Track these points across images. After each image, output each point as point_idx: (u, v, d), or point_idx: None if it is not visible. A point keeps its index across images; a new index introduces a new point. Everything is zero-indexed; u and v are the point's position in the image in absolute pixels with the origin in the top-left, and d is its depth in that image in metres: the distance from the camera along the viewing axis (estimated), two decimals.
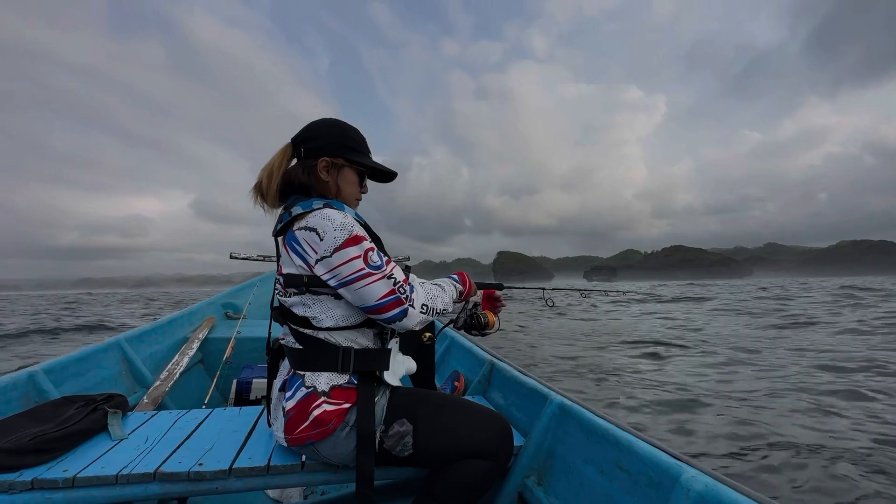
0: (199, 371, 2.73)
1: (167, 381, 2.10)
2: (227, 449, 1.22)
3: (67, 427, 1.24)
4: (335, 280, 1.08)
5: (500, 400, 1.70)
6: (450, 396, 1.25)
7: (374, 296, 1.07)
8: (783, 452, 2.64)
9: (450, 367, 2.33)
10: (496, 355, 1.96)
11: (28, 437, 1.14)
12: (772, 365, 5.09)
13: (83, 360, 1.83)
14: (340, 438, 1.08)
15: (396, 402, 1.15)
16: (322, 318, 1.11)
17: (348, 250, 1.06)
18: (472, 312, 1.54)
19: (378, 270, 1.07)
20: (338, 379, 1.10)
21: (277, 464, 1.15)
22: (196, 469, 1.10)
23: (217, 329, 3.01)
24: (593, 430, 1.17)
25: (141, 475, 1.08)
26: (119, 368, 2.05)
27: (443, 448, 1.11)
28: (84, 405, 1.40)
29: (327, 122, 1.24)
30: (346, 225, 1.07)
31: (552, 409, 1.34)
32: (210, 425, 1.41)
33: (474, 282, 1.48)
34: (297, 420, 1.07)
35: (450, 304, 1.26)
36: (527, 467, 1.32)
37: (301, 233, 1.09)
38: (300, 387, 1.09)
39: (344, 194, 1.24)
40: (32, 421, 1.27)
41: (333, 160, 1.20)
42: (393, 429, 1.10)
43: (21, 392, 1.47)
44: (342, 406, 1.08)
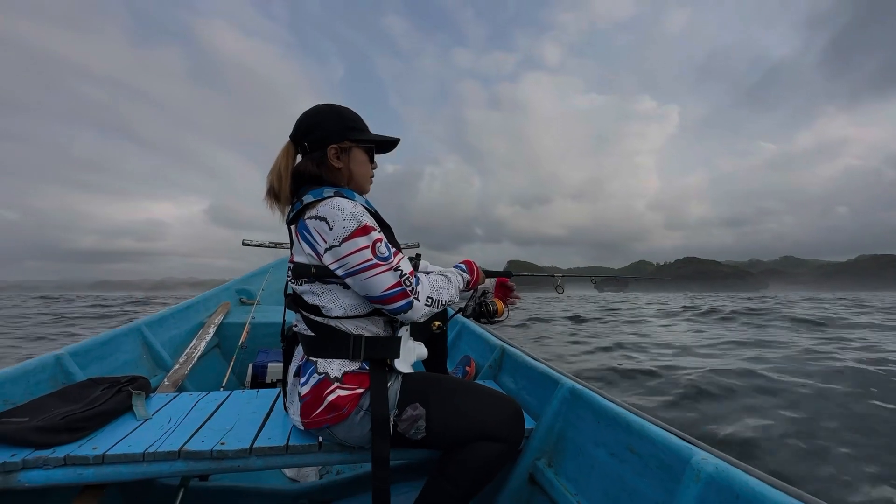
0: (216, 355, 2.80)
1: (186, 365, 2.16)
2: (246, 429, 1.27)
3: (95, 407, 1.29)
4: (343, 269, 1.09)
5: (511, 384, 1.73)
6: (461, 380, 1.27)
7: (380, 287, 1.08)
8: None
9: (461, 352, 2.36)
10: (507, 341, 1.98)
11: (59, 417, 1.19)
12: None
13: (106, 344, 1.89)
14: (355, 422, 1.11)
15: (409, 386, 1.17)
16: (331, 307, 1.13)
17: (357, 240, 1.07)
18: (480, 300, 1.54)
19: (385, 262, 1.08)
20: (350, 365, 1.13)
21: (296, 444, 1.18)
22: (218, 448, 1.15)
23: (232, 314, 3.08)
24: (604, 413, 1.19)
25: (166, 453, 1.13)
26: (140, 352, 2.12)
27: (455, 431, 1.14)
28: (109, 387, 1.46)
29: (320, 109, 1.22)
30: (355, 214, 1.08)
31: (563, 393, 1.36)
32: (229, 407, 1.46)
33: (484, 270, 1.49)
34: (313, 405, 1.10)
35: (456, 294, 1.26)
36: (537, 449, 1.34)
37: (311, 222, 1.10)
38: (313, 373, 1.12)
39: (357, 176, 1.25)
40: (61, 401, 1.33)
41: (341, 145, 1.20)
42: (406, 412, 1.13)
43: (49, 374, 1.53)
44: (356, 391, 1.10)
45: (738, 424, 3.11)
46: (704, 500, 0.84)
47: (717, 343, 7.14)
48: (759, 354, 5.86)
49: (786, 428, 3.01)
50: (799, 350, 6.06)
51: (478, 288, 1.52)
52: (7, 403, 1.33)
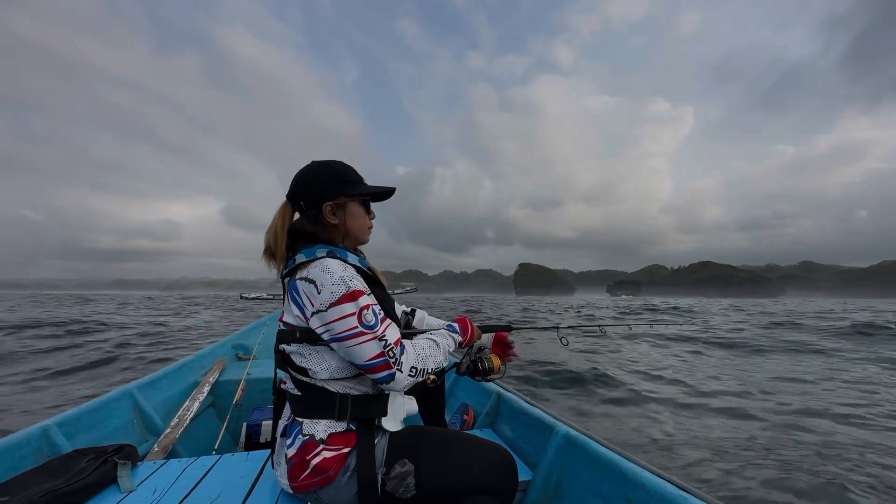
0: (211, 415, 2.73)
1: (177, 428, 2.11)
2: (233, 496, 1.23)
3: (78, 481, 1.26)
4: (328, 335, 1.09)
5: (508, 432, 1.68)
6: (450, 431, 1.24)
7: (364, 356, 1.07)
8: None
9: (458, 399, 2.31)
10: (503, 386, 1.94)
11: (40, 494, 1.16)
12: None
13: (95, 412, 1.86)
14: (342, 484, 1.08)
15: (397, 441, 1.15)
16: (318, 369, 1.13)
17: (343, 306, 1.06)
18: (476, 357, 1.50)
19: (370, 330, 1.07)
20: (336, 426, 1.11)
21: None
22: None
23: (228, 371, 3.03)
24: (598, 461, 1.15)
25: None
26: (131, 417, 2.07)
27: (446, 485, 1.10)
28: (94, 458, 1.42)
29: (314, 167, 1.24)
30: (344, 279, 1.08)
31: (558, 441, 1.33)
32: (217, 473, 1.42)
33: (479, 326, 1.46)
34: (299, 468, 1.08)
35: (444, 361, 1.23)
36: (536, 502, 1.29)
37: (301, 283, 1.11)
38: (298, 434, 1.11)
39: (354, 230, 1.26)
40: (45, 476, 1.30)
41: (336, 202, 1.22)
42: (395, 470, 1.10)
43: (34, 447, 1.50)
44: (341, 451, 1.08)
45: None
46: None
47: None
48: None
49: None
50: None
51: (473, 345, 1.49)
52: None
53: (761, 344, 9.03)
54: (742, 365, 6.73)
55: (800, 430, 3.57)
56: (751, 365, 6.75)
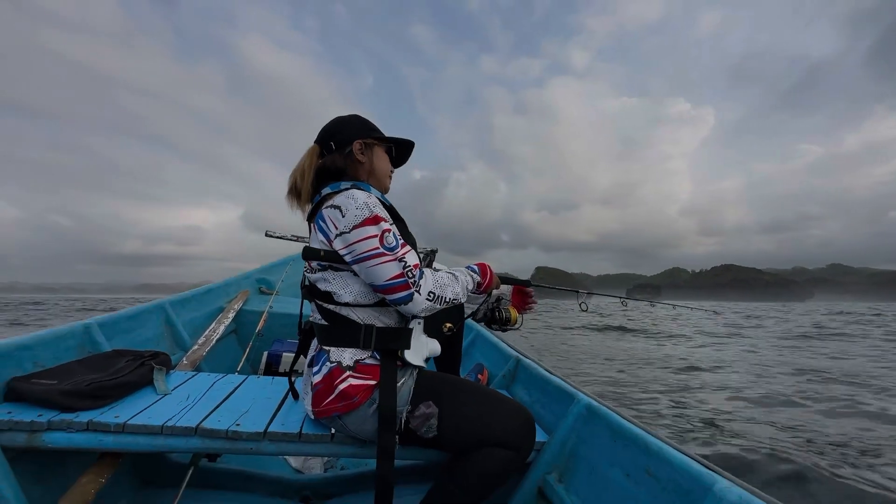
0: (233, 340, 2.84)
1: (204, 346, 2.21)
2: (261, 414, 1.28)
3: (119, 378, 1.32)
4: (350, 256, 1.11)
5: (524, 396, 1.70)
6: (477, 384, 1.26)
7: (384, 276, 1.09)
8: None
9: (474, 359, 2.34)
10: (522, 352, 1.95)
11: (85, 383, 1.23)
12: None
13: (132, 318, 1.95)
14: (368, 414, 1.11)
15: (423, 383, 1.17)
16: (341, 293, 1.15)
17: (366, 228, 1.09)
18: (493, 306, 1.51)
19: (391, 252, 1.10)
20: (362, 354, 1.14)
21: (308, 432, 1.19)
22: (234, 429, 1.16)
23: (250, 302, 3.13)
24: (621, 433, 1.16)
25: (183, 428, 1.15)
26: (162, 329, 2.17)
27: (467, 433, 1.13)
28: (133, 359, 1.49)
29: (344, 115, 1.35)
30: (368, 204, 1.12)
31: (579, 409, 1.34)
32: (245, 390, 1.48)
33: (500, 276, 1.46)
34: (324, 393, 1.11)
35: (462, 294, 1.25)
36: (549, 464, 1.32)
37: (327, 210, 1.15)
38: (326, 361, 1.14)
39: (378, 171, 1.33)
40: (87, 368, 1.37)
41: (366, 140, 1.30)
42: (419, 409, 1.13)
43: (78, 341, 1.58)
44: (368, 382, 1.11)
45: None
46: None
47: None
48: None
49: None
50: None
51: (492, 293, 1.49)
52: (37, 366, 1.38)
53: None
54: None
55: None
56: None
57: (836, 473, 2.69)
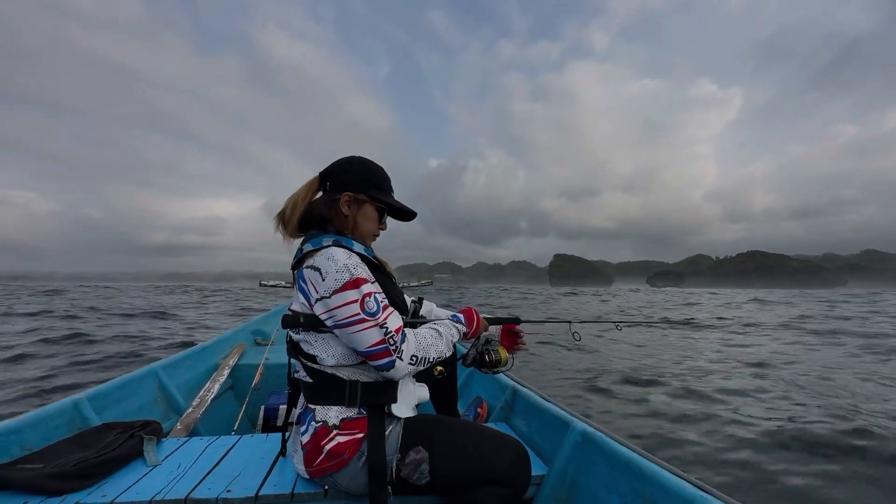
0: (230, 397, 2.80)
1: (199, 408, 2.17)
2: (253, 476, 1.26)
3: (107, 453, 1.31)
4: (331, 321, 1.10)
5: (523, 427, 1.68)
6: (465, 422, 1.25)
7: (365, 343, 1.08)
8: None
9: (473, 392, 2.32)
10: (519, 381, 1.94)
11: (72, 463, 1.21)
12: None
13: (122, 388, 1.93)
14: (357, 468, 1.10)
15: (412, 428, 1.16)
16: (324, 356, 1.14)
17: (347, 293, 1.07)
18: (482, 349, 1.49)
19: (372, 318, 1.08)
20: (347, 412, 1.13)
21: (301, 492, 1.17)
22: (224, 496, 1.14)
23: (246, 355, 3.10)
24: (616, 458, 1.15)
25: (173, 501, 1.13)
26: (155, 395, 2.14)
27: (460, 475, 1.11)
28: (122, 431, 1.47)
29: (355, 159, 1.28)
30: (348, 266, 1.09)
31: (575, 437, 1.32)
32: (238, 452, 1.46)
33: (486, 318, 1.46)
34: (314, 454, 1.10)
35: (446, 350, 1.23)
36: (550, 497, 1.29)
37: (307, 272, 1.13)
38: (311, 420, 1.13)
39: (361, 230, 1.27)
40: (76, 446, 1.35)
41: (356, 195, 1.24)
42: (409, 457, 1.11)
43: (67, 419, 1.56)
44: (355, 436, 1.10)
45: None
46: None
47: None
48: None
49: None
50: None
51: (480, 336, 1.48)
52: (24, 449, 1.36)
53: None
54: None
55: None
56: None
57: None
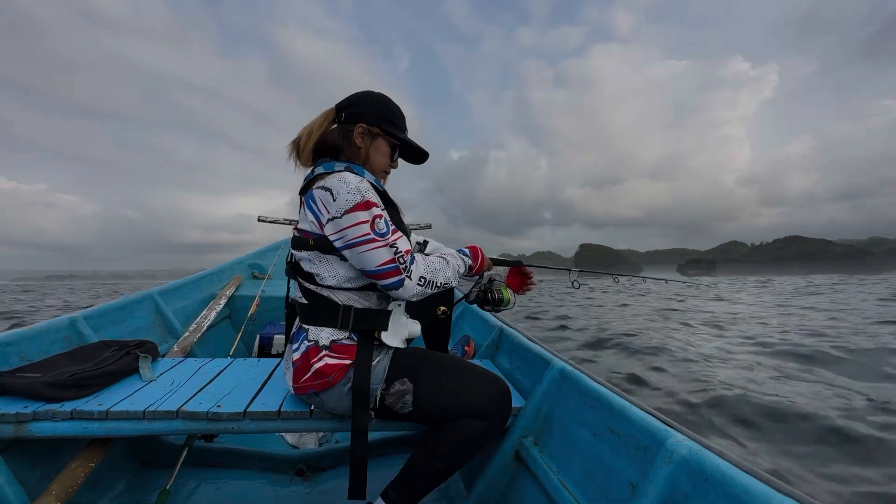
0: (227, 325, 2.89)
1: (195, 333, 2.25)
2: (243, 394, 1.32)
3: (103, 367, 1.36)
4: (341, 241, 1.11)
5: (506, 364, 1.74)
6: (451, 357, 1.29)
7: (374, 262, 1.09)
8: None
9: (461, 331, 2.38)
10: (506, 322, 1.99)
11: (69, 374, 1.27)
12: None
13: (120, 310, 1.98)
14: (343, 392, 1.15)
15: (399, 361, 1.20)
16: (326, 276, 1.16)
17: (357, 214, 1.08)
18: (485, 287, 1.51)
19: (382, 238, 1.09)
20: (339, 334, 1.15)
21: (287, 410, 1.23)
22: (214, 410, 1.20)
23: (243, 287, 3.16)
24: (589, 394, 1.19)
25: (165, 412, 1.19)
26: (152, 318, 2.21)
27: (441, 407, 1.16)
28: (118, 349, 1.53)
29: (373, 93, 1.28)
30: (360, 189, 1.09)
31: (553, 374, 1.37)
32: (231, 373, 1.52)
33: (491, 258, 1.47)
34: (302, 370, 1.14)
35: (453, 278, 1.25)
36: (525, 428, 1.36)
37: (318, 191, 1.13)
38: (304, 340, 1.16)
39: (373, 163, 1.26)
40: (73, 360, 1.41)
41: (370, 128, 1.23)
42: (394, 387, 1.16)
43: (63, 335, 1.62)
44: (344, 361, 1.13)
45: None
46: (675, 480, 0.84)
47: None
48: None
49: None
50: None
51: (483, 274, 1.49)
52: (23, 360, 1.42)
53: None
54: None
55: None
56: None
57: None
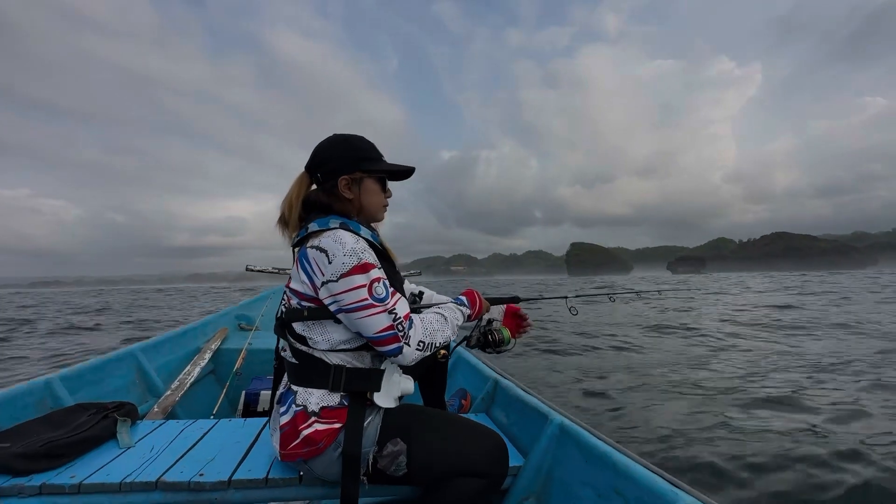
0: (211, 381, 2.78)
1: (178, 391, 2.15)
2: (228, 460, 1.25)
3: (78, 434, 1.28)
4: (336, 306, 1.08)
5: (502, 418, 1.69)
6: (444, 413, 1.25)
7: (373, 328, 1.06)
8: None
9: (456, 383, 2.32)
10: (501, 373, 1.95)
11: (40, 443, 1.19)
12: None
13: (98, 369, 1.89)
14: (333, 458, 1.09)
15: (390, 420, 1.15)
16: (318, 340, 1.12)
17: (354, 278, 1.05)
18: (485, 329, 1.49)
19: (381, 303, 1.06)
20: (329, 399, 1.11)
21: (276, 477, 1.16)
22: (197, 479, 1.13)
23: (229, 340, 3.07)
24: (592, 452, 1.16)
25: (143, 483, 1.11)
26: (132, 377, 2.11)
27: (436, 466, 1.11)
28: (96, 412, 1.45)
29: (333, 140, 1.24)
30: (356, 251, 1.07)
31: (552, 430, 1.33)
32: (215, 436, 1.44)
33: (487, 298, 1.46)
34: (290, 437, 1.09)
35: (451, 334, 1.23)
36: (525, 489, 1.30)
37: (312, 251, 1.10)
38: (292, 403, 1.11)
39: (368, 206, 1.25)
40: (46, 426, 1.32)
41: (352, 176, 1.21)
42: (387, 448, 1.11)
43: (37, 398, 1.53)
44: (333, 426, 1.09)
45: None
46: None
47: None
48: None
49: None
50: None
51: (482, 317, 1.48)
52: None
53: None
54: None
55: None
56: None
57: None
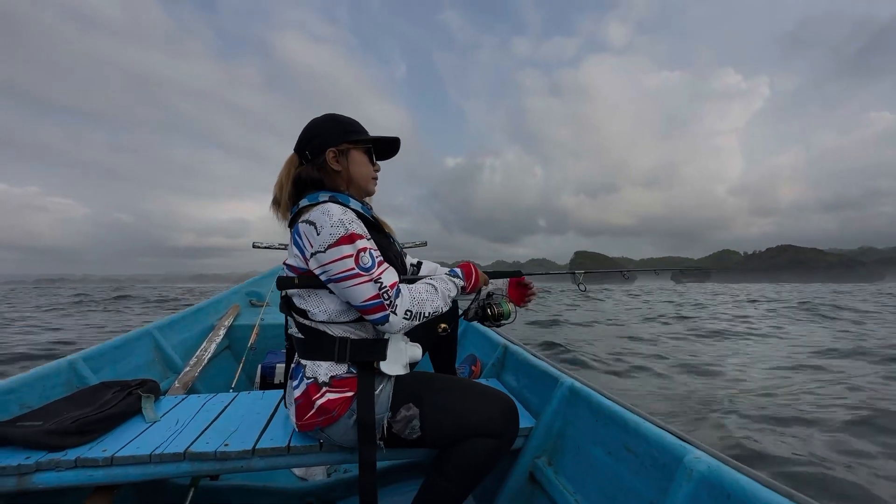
0: (227, 357, 2.85)
1: (196, 367, 2.21)
2: (251, 430, 1.30)
3: (105, 410, 1.33)
4: (325, 276, 1.11)
5: (513, 382, 1.73)
6: (454, 378, 1.28)
7: (359, 297, 1.08)
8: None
9: (466, 350, 2.37)
10: (510, 339, 1.98)
11: (71, 420, 1.24)
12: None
13: (118, 348, 1.95)
14: (349, 426, 1.13)
15: (402, 387, 1.19)
16: (316, 311, 1.15)
17: (341, 248, 1.07)
18: (484, 303, 1.48)
19: (366, 272, 1.08)
20: (337, 369, 1.14)
21: (297, 444, 1.21)
22: (222, 449, 1.18)
23: (242, 316, 3.13)
24: (602, 411, 1.19)
25: (172, 454, 1.16)
26: (151, 355, 2.17)
27: (449, 429, 1.15)
28: (120, 390, 1.50)
29: (318, 119, 1.28)
30: (343, 221, 1.09)
31: (563, 392, 1.36)
32: (235, 408, 1.49)
33: (488, 272, 1.45)
34: (305, 408, 1.13)
35: (443, 306, 1.22)
36: (537, 448, 1.35)
37: (302, 226, 1.13)
38: (302, 377, 1.15)
39: (357, 177, 1.27)
40: (74, 405, 1.38)
41: (339, 148, 1.24)
42: (400, 413, 1.15)
43: (63, 378, 1.58)
44: (345, 395, 1.12)
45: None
46: (696, 498, 0.84)
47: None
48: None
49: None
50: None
51: (480, 290, 1.47)
52: (23, 408, 1.39)
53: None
54: None
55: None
56: None
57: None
